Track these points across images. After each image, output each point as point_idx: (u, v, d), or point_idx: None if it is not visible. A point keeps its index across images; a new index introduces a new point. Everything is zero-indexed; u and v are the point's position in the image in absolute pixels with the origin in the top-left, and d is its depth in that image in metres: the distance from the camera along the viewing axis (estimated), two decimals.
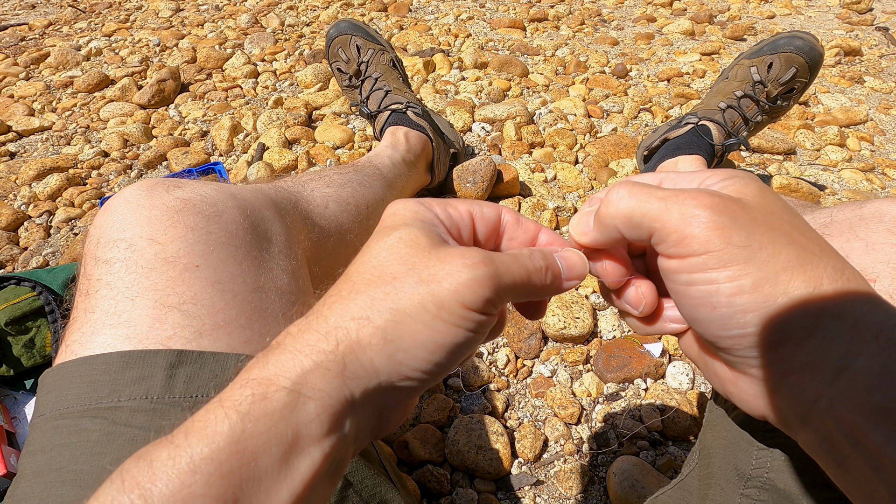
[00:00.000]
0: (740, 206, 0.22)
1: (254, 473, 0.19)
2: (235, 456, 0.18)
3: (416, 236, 0.24)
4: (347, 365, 0.21)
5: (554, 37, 1.77)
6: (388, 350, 0.22)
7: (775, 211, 0.22)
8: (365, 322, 0.22)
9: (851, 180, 1.10)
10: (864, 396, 0.20)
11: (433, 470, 0.61)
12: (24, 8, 2.12)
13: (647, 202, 0.23)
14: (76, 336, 0.32)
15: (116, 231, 0.35)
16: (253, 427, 0.19)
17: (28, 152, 1.21)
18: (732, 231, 0.21)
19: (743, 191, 0.23)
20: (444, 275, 0.22)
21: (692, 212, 0.21)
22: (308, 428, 0.20)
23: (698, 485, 0.39)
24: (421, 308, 0.22)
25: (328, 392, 0.21)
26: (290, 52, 1.63)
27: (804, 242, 0.21)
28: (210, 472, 0.18)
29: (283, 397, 0.20)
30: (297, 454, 0.20)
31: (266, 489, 0.19)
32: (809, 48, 0.87)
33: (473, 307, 0.22)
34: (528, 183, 1.06)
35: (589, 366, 0.75)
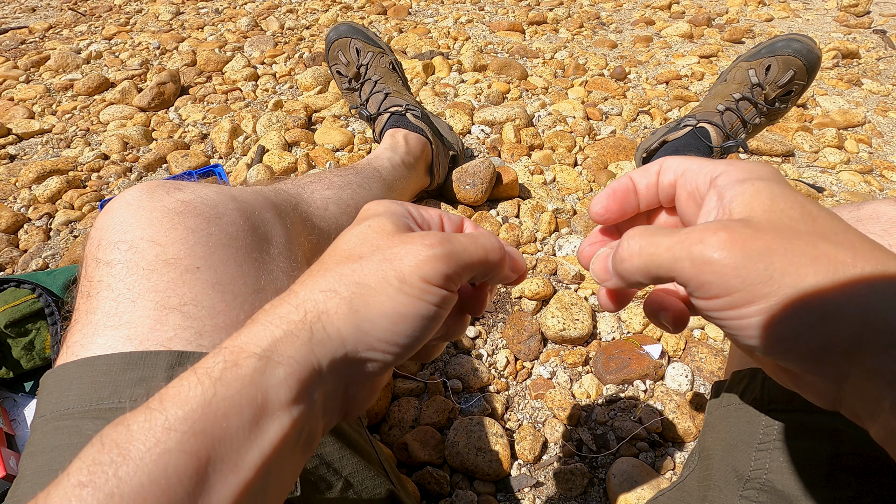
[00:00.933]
0: (751, 232, 0.20)
1: (225, 434, 0.19)
2: (208, 417, 0.19)
3: (384, 223, 0.27)
4: (315, 333, 0.22)
5: (553, 40, 1.77)
6: (353, 320, 0.23)
7: (793, 222, 0.21)
8: (332, 294, 0.23)
9: (850, 182, 1.11)
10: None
11: (433, 471, 0.61)
12: (25, 11, 2.13)
13: (656, 257, 0.22)
14: (77, 337, 0.32)
15: (117, 233, 0.35)
16: (224, 391, 0.20)
17: (28, 155, 1.21)
18: (749, 268, 0.20)
19: (754, 204, 0.22)
20: (406, 253, 0.24)
21: (703, 258, 0.21)
22: (277, 392, 0.21)
23: (697, 486, 0.39)
24: (384, 282, 0.23)
25: (296, 358, 0.22)
26: (289, 54, 1.63)
27: (831, 252, 0.20)
28: (184, 431, 0.19)
29: (254, 363, 0.21)
30: (267, 417, 0.20)
31: (237, 448, 0.20)
32: (807, 51, 0.88)
33: (433, 281, 0.24)
34: (528, 185, 1.06)
35: (588, 367, 0.75)
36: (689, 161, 0.26)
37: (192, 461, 0.18)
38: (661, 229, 0.23)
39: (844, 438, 0.32)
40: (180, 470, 0.18)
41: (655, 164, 0.28)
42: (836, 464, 0.31)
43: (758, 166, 0.24)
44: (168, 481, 0.18)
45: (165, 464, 0.18)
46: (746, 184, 0.22)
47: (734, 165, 0.24)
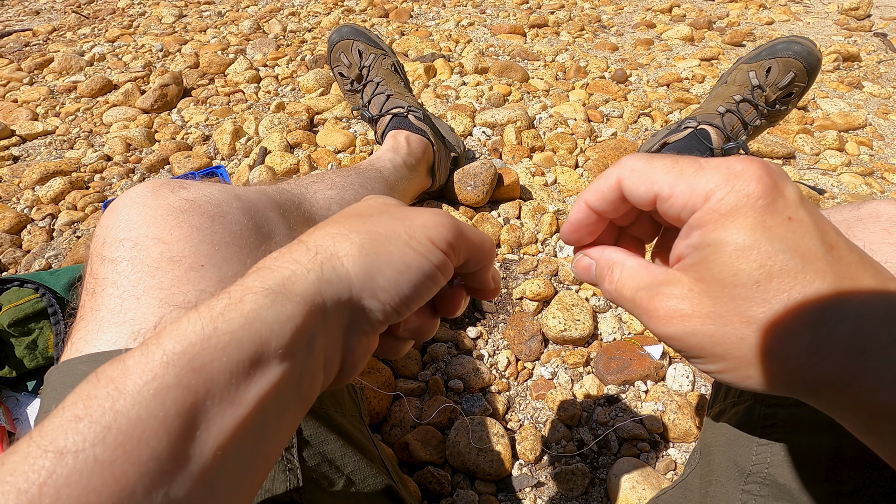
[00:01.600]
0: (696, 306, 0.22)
1: (224, 368, 0.19)
2: (207, 351, 0.19)
3: (389, 199, 0.29)
4: (324, 272, 0.23)
5: (554, 42, 1.78)
6: (362, 263, 0.23)
7: (737, 294, 0.21)
8: (343, 238, 0.24)
9: (850, 184, 1.11)
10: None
11: (434, 471, 0.61)
12: (29, 14, 2.14)
13: (624, 303, 0.26)
14: (82, 334, 0.32)
15: (122, 230, 0.35)
16: (225, 326, 0.20)
17: (31, 156, 1.22)
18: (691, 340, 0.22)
19: (710, 267, 0.22)
20: (416, 215, 0.26)
21: (654, 329, 0.24)
22: (282, 329, 0.21)
23: (699, 482, 0.39)
24: (394, 234, 0.24)
25: (303, 296, 0.22)
26: (291, 57, 1.64)
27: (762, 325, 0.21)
28: (182, 366, 0.18)
29: (259, 300, 0.21)
30: (268, 355, 0.20)
31: (236, 384, 0.19)
32: (807, 53, 0.88)
33: (438, 244, 0.25)
34: (529, 187, 1.06)
35: (589, 368, 0.75)
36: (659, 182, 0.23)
37: (189, 395, 0.18)
38: (628, 274, 0.25)
39: (845, 432, 0.32)
40: (178, 403, 0.18)
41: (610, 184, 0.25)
42: (836, 457, 0.31)
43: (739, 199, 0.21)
44: (167, 414, 0.18)
45: (163, 398, 0.18)
46: (709, 237, 0.22)
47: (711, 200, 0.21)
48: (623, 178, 0.25)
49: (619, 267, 0.26)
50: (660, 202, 0.23)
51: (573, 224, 0.28)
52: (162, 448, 0.17)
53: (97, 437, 0.16)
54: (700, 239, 0.22)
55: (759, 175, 0.21)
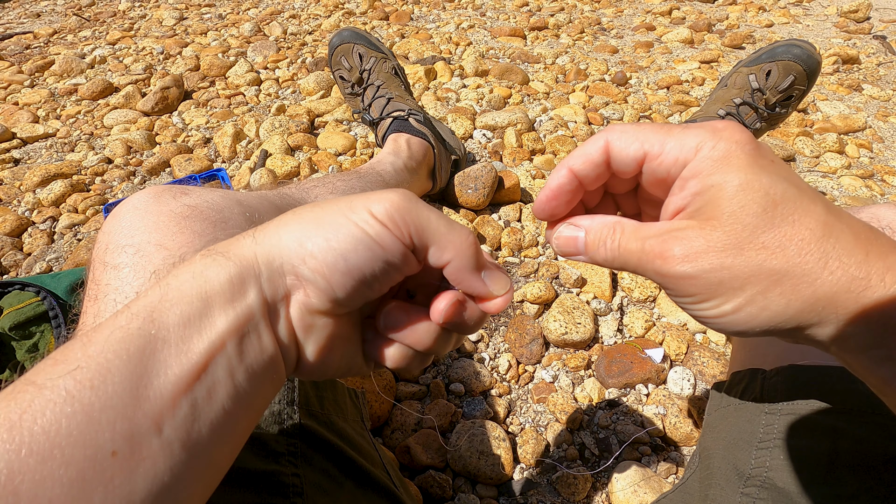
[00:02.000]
0: (706, 245, 0.23)
1: (178, 319, 0.22)
2: (164, 304, 0.22)
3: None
4: (257, 236, 0.24)
5: (554, 45, 1.78)
6: (295, 229, 0.24)
7: (747, 226, 0.23)
8: (288, 213, 0.25)
9: (851, 187, 1.11)
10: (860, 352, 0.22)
11: (435, 475, 0.61)
12: (30, 16, 2.15)
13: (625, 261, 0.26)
14: None
15: (125, 237, 0.35)
16: (175, 283, 0.23)
17: (32, 159, 1.22)
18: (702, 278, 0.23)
19: (715, 206, 0.23)
20: (365, 195, 0.25)
21: (664, 272, 0.24)
22: (222, 286, 0.23)
23: (699, 486, 0.39)
24: (335, 208, 0.25)
25: (238, 255, 0.24)
26: (292, 59, 1.64)
27: (775, 249, 0.22)
28: (143, 317, 0.21)
29: (205, 260, 0.23)
30: (212, 308, 0.22)
31: (189, 335, 0.21)
32: (807, 56, 0.88)
33: (377, 216, 0.24)
34: (529, 189, 1.07)
35: (590, 371, 0.75)
36: (649, 141, 0.25)
37: (148, 343, 0.21)
38: (631, 231, 0.26)
39: (843, 436, 0.32)
40: (139, 348, 0.20)
41: (599, 146, 0.26)
42: (835, 461, 0.31)
43: (728, 145, 0.24)
44: (129, 357, 0.20)
45: (126, 344, 0.20)
46: (707, 183, 0.23)
47: (702, 151, 0.24)
48: (611, 141, 0.26)
49: (620, 226, 0.26)
50: (649, 160, 0.25)
51: (553, 190, 0.27)
52: (124, 386, 0.19)
53: (68, 374, 0.19)
54: (700, 184, 0.24)
55: (740, 128, 0.24)
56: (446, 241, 0.25)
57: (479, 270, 0.26)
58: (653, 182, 0.26)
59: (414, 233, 0.24)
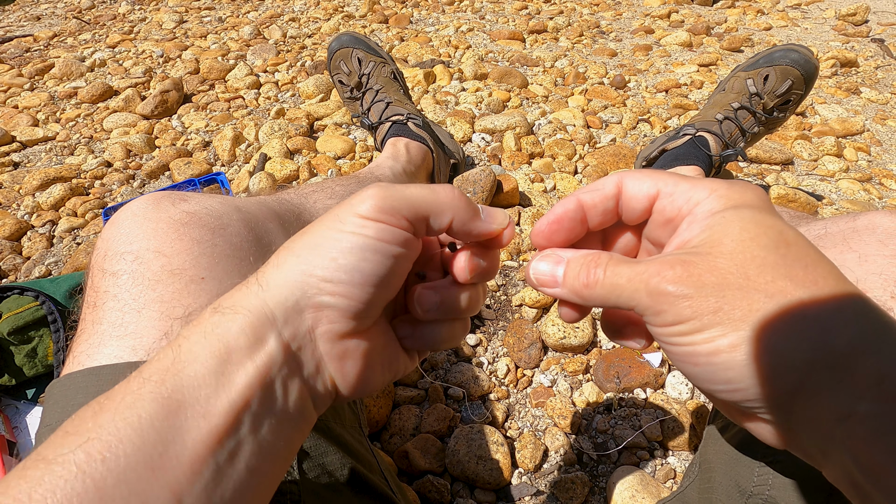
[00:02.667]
0: (708, 266, 0.21)
1: (193, 381, 0.21)
2: (176, 367, 0.21)
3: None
4: (262, 284, 0.24)
5: (553, 48, 1.78)
6: (295, 264, 0.24)
7: (755, 257, 0.21)
8: (282, 251, 0.25)
9: (849, 190, 1.11)
10: (877, 437, 0.19)
11: (433, 480, 0.62)
12: (30, 20, 2.15)
13: (618, 287, 0.23)
14: (83, 347, 0.33)
15: (123, 243, 0.35)
16: (188, 345, 0.22)
17: (32, 162, 1.22)
18: (700, 300, 0.21)
19: (720, 236, 0.22)
20: (347, 202, 0.25)
21: (658, 289, 0.22)
22: (237, 340, 0.22)
23: (698, 498, 0.39)
24: (322, 227, 0.24)
25: (248, 307, 0.23)
26: (291, 63, 1.65)
27: (789, 289, 0.20)
28: (156, 381, 0.20)
29: (212, 316, 0.23)
30: (232, 365, 0.21)
31: (206, 396, 0.21)
32: (805, 61, 0.89)
33: (367, 215, 0.23)
34: (528, 193, 1.07)
35: (589, 375, 0.76)
36: (663, 181, 0.25)
37: (163, 406, 0.20)
38: (622, 259, 0.24)
39: None
40: (153, 414, 0.19)
41: (612, 182, 0.26)
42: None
43: (743, 191, 0.23)
44: (141, 424, 0.19)
45: (139, 410, 0.19)
46: (719, 215, 0.23)
47: (717, 192, 0.23)
48: (625, 179, 0.26)
49: (607, 254, 0.25)
50: (662, 197, 0.25)
51: (557, 216, 0.26)
52: (138, 457, 0.18)
53: (78, 446, 0.18)
54: (711, 218, 0.23)
55: (751, 185, 0.24)
56: (439, 204, 0.25)
57: (478, 214, 0.26)
58: (661, 223, 0.25)
59: (408, 213, 0.24)
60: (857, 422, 0.19)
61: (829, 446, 0.20)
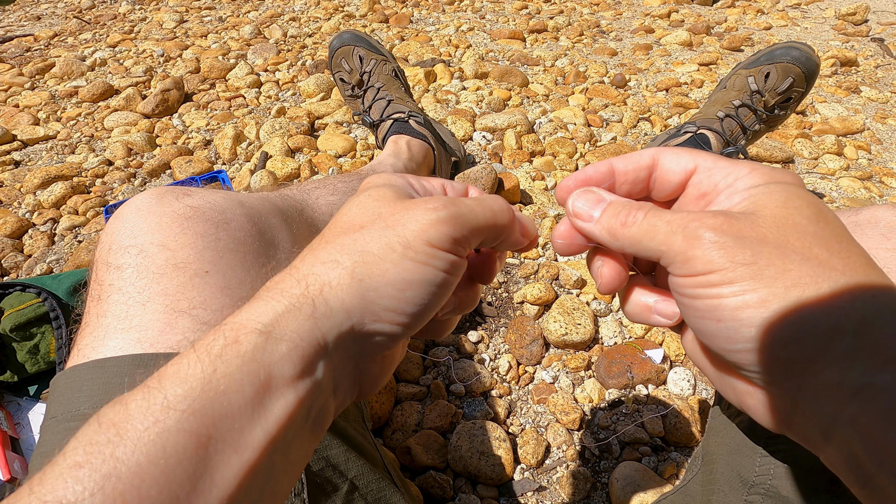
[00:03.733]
0: (749, 223, 0.21)
1: (226, 412, 0.19)
2: (208, 394, 0.19)
3: (385, 192, 0.25)
4: (317, 307, 0.22)
5: (553, 47, 1.79)
6: (357, 289, 0.22)
7: (796, 224, 0.21)
8: (334, 265, 0.22)
9: (849, 188, 1.11)
10: (891, 412, 0.18)
11: (436, 475, 0.62)
12: (30, 19, 2.15)
13: (655, 230, 0.23)
14: (88, 340, 0.33)
15: (128, 237, 0.35)
16: (224, 368, 0.19)
17: (33, 161, 1.22)
18: (736, 250, 0.20)
19: (764, 202, 0.22)
20: (409, 219, 0.23)
21: (695, 234, 0.21)
22: (280, 368, 0.20)
23: (701, 490, 0.39)
24: (388, 249, 0.22)
25: (299, 333, 0.21)
26: (292, 62, 1.65)
27: (824, 257, 0.20)
28: (183, 409, 0.18)
29: (255, 339, 0.20)
30: (270, 395, 0.20)
31: (240, 428, 0.19)
32: (805, 59, 0.89)
33: (440, 245, 0.23)
34: (529, 191, 1.07)
35: (590, 372, 0.76)
36: (702, 157, 0.25)
37: (191, 440, 0.18)
38: (660, 209, 0.24)
39: None
40: (179, 450, 0.17)
41: (647, 155, 0.26)
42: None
43: (781, 171, 0.24)
44: (167, 461, 0.17)
45: (164, 443, 0.17)
46: (763, 186, 0.23)
47: (757, 170, 0.24)
48: (663, 152, 0.26)
49: (649, 205, 0.24)
50: (700, 171, 0.25)
51: (586, 176, 0.26)
52: (162, 497, 0.17)
53: (97, 487, 0.16)
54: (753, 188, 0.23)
55: (786, 169, 0.24)
56: (497, 230, 0.25)
57: (516, 228, 0.27)
58: (695, 196, 0.25)
59: (475, 239, 0.24)
60: (871, 395, 0.19)
61: (834, 426, 0.20)
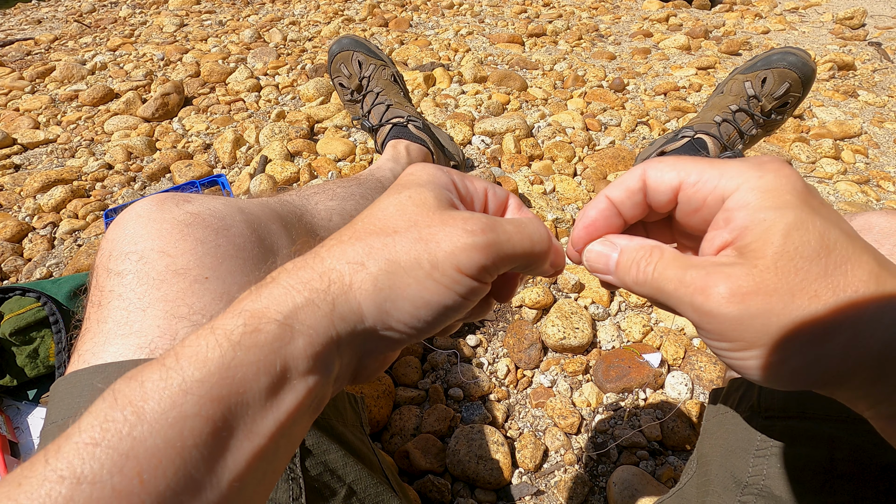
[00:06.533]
0: (753, 285, 0.21)
1: (242, 400, 0.19)
2: (226, 382, 0.19)
3: (426, 196, 0.25)
4: (337, 306, 0.22)
5: (552, 51, 1.79)
6: (376, 298, 0.22)
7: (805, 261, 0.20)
8: (359, 267, 0.22)
9: (847, 192, 1.12)
10: None
11: (434, 480, 0.62)
12: (30, 23, 2.16)
13: (663, 292, 0.23)
14: (88, 346, 0.33)
15: (128, 244, 0.36)
16: (243, 356, 0.20)
17: (33, 165, 1.22)
18: (746, 324, 0.21)
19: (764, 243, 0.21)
20: (444, 236, 0.23)
21: (704, 310, 0.22)
22: (296, 362, 0.21)
23: (696, 492, 0.40)
24: (415, 263, 0.22)
25: (316, 329, 0.21)
26: (292, 66, 1.65)
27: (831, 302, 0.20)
28: (201, 395, 0.18)
29: (274, 330, 0.20)
30: (284, 386, 0.20)
31: (253, 416, 0.19)
32: (802, 64, 0.89)
33: (467, 272, 0.23)
34: (528, 195, 1.07)
35: (588, 376, 0.76)
36: (685, 170, 0.24)
37: (208, 426, 0.18)
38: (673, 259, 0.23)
39: (840, 445, 0.33)
40: (196, 434, 0.18)
41: (636, 177, 0.25)
42: (831, 470, 0.32)
43: (777, 181, 0.22)
44: (184, 444, 0.18)
45: (181, 427, 0.18)
46: (760, 215, 0.21)
47: (748, 184, 0.22)
48: (647, 169, 0.25)
49: (659, 250, 0.24)
50: (685, 188, 0.23)
51: (590, 219, 0.26)
52: (179, 479, 0.17)
53: (115, 466, 0.16)
54: (749, 218, 0.21)
55: (785, 162, 0.22)
56: (531, 258, 0.25)
57: (549, 259, 0.26)
58: (689, 212, 0.24)
59: (502, 268, 0.24)
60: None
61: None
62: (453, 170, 0.28)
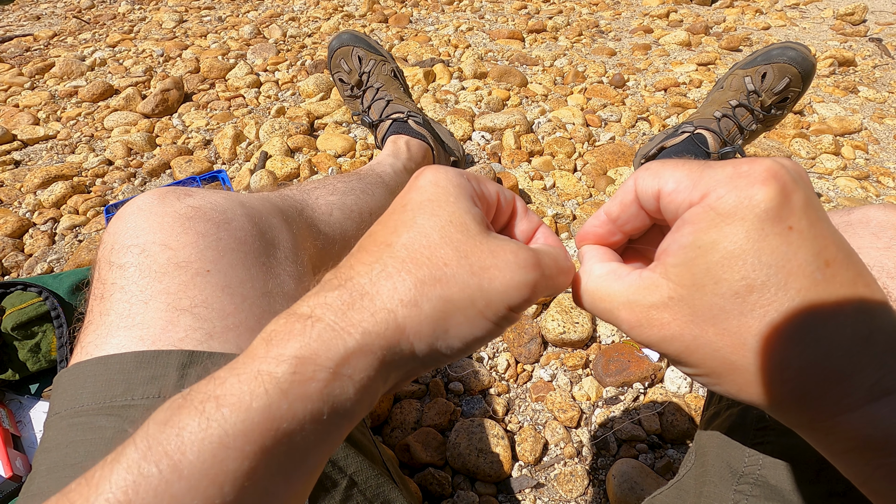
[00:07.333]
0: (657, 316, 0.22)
1: (286, 451, 0.19)
2: (270, 433, 0.18)
3: (466, 220, 0.24)
4: (390, 349, 0.22)
5: (552, 47, 1.79)
6: (430, 340, 0.22)
7: (717, 298, 0.21)
8: (414, 309, 0.22)
9: (847, 188, 1.12)
10: None
11: (434, 472, 0.62)
12: (30, 19, 2.15)
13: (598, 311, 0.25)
14: (91, 338, 0.33)
15: (130, 237, 0.36)
16: (290, 406, 0.19)
17: (33, 161, 1.22)
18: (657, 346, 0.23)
19: (683, 275, 0.21)
20: (497, 271, 0.23)
21: (620, 328, 0.24)
22: (343, 406, 0.20)
23: (694, 483, 0.40)
24: (469, 303, 0.22)
25: (368, 374, 0.21)
26: (292, 62, 1.65)
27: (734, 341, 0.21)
28: (244, 449, 0.18)
29: (325, 378, 0.20)
30: (330, 430, 0.20)
31: (295, 463, 0.20)
32: (802, 59, 0.89)
33: (516, 309, 0.23)
34: (528, 191, 1.07)
35: (588, 370, 0.76)
36: (663, 179, 0.23)
37: (249, 480, 0.18)
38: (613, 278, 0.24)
39: None
40: (237, 489, 0.18)
41: (629, 188, 0.25)
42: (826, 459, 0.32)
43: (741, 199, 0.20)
44: (223, 500, 0.17)
45: (222, 483, 0.17)
46: (703, 238, 0.21)
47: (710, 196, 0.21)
48: (637, 178, 0.24)
49: (587, 275, 0.25)
50: (662, 198, 0.23)
51: (587, 233, 0.27)
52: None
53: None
54: (690, 238, 0.21)
55: (766, 178, 0.20)
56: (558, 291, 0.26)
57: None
58: (668, 217, 0.23)
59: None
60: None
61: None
62: (469, 173, 0.27)
